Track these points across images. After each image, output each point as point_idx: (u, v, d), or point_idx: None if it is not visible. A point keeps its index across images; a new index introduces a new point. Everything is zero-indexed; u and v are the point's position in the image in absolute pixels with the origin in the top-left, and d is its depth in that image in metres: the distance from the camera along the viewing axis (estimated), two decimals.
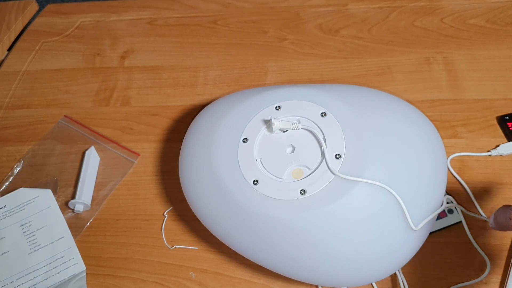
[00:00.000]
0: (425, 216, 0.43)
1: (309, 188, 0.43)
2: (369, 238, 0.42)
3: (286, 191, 0.44)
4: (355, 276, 0.45)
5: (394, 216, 0.42)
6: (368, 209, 0.42)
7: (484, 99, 0.65)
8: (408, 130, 0.47)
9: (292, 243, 0.43)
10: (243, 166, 0.46)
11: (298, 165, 0.45)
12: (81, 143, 0.67)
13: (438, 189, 0.47)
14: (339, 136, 0.45)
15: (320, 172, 0.43)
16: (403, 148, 0.45)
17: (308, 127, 0.46)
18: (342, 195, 0.42)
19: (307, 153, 0.45)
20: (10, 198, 0.61)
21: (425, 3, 0.77)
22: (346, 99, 0.48)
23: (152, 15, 0.82)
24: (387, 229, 0.43)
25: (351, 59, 0.72)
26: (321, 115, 0.46)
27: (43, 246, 0.57)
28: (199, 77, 0.73)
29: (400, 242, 0.44)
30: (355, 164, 0.43)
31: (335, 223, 0.42)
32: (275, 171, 0.45)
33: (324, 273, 0.44)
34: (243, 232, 0.46)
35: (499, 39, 0.71)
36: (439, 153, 0.48)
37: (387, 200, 0.42)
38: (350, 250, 0.43)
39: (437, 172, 0.47)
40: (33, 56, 0.79)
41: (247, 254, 0.47)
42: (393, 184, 0.42)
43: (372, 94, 0.51)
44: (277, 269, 0.47)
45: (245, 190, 0.45)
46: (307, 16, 0.79)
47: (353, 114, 0.46)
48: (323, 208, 0.42)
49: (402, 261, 0.46)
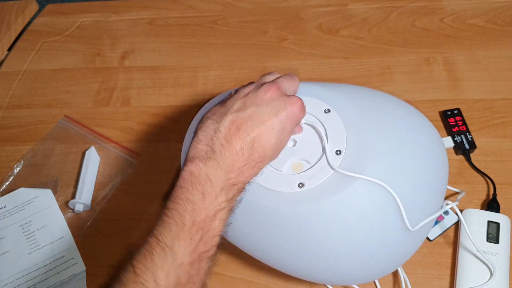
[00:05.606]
0: (423, 218, 0.43)
1: (307, 182, 0.43)
2: (365, 236, 0.42)
3: (285, 183, 0.44)
4: (352, 273, 0.45)
5: (391, 215, 0.42)
6: (366, 206, 0.42)
7: (484, 99, 0.65)
8: (410, 132, 0.47)
9: (289, 235, 0.43)
10: None
11: (298, 159, 0.45)
12: (81, 143, 0.67)
13: (438, 192, 0.46)
14: (341, 133, 0.45)
15: (320, 167, 0.44)
16: (404, 149, 0.45)
17: (310, 122, 0.46)
18: (340, 190, 0.42)
19: (308, 148, 0.45)
20: (10, 198, 0.61)
21: (425, 3, 0.77)
22: (350, 97, 0.48)
23: (152, 15, 0.82)
24: (383, 228, 0.43)
25: (351, 59, 0.72)
26: (325, 111, 0.47)
27: (43, 246, 0.57)
28: (199, 77, 0.73)
29: (397, 242, 0.44)
30: (355, 161, 0.43)
31: (332, 217, 0.42)
32: (275, 164, 0.45)
33: (319, 268, 0.44)
34: (241, 223, 0.46)
35: (499, 39, 0.71)
36: (440, 156, 0.48)
37: (385, 199, 0.42)
38: (346, 246, 0.43)
39: (437, 174, 0.47)
40: (33, 56, 0.79)
41: (244, 245, 0.47)
42: (392, 183, 0.42)
43: (374, 94, 0.51)
44: (274, 261, 0.47)
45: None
46: (307, 16, 0.79)
47: (356, 112, 0.46)
48: (321, 202, 0.42)
49: (399, 260, 0.46)
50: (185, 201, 0.36)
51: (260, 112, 0.39)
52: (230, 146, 0.38)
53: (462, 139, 0.60)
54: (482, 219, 0.53)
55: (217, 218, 0.37)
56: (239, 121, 0.39)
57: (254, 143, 0.38)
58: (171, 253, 0.35)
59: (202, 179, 0.37)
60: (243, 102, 0.40)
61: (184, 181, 0.37)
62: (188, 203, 0.36)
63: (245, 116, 0.39)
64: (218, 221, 0.37)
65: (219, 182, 0.37)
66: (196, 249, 0.36)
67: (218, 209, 0.37)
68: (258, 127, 0.39)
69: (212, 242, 0.37)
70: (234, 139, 0.38)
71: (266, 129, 0.39)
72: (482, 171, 0.58)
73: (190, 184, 0.37)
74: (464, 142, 0.60)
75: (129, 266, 0.35)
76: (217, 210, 0.37)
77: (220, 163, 0.37)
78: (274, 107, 0.40)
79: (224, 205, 0.37)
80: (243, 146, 0.38)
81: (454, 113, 0.63)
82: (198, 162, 0.37)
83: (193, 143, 0.39)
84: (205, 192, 0.36)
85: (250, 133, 0.38)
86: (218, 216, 0.37)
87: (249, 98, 0.41)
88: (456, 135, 0.61)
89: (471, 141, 0.60)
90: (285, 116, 0.40)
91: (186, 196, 0.36)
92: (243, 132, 0.38)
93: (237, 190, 0.38)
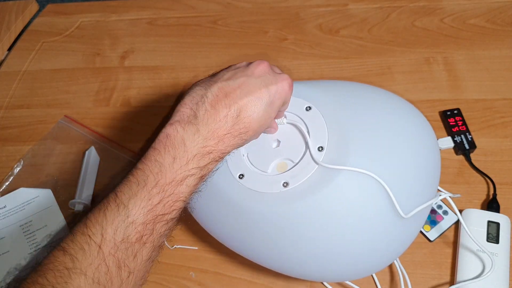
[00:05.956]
0: (417, 206, 0.43)
1: (291, 180, 0.43)
2: (357, 228, 0.42)
3: (270, 184, 0.44)
4: (348, 269, 0.45)
5: (381, 204, 0.42)
6: (354, 198, 0.42)
7: (484, 99, 0.65)
8: (395, 121, 0.46)
9: (278, 236, 0.43)
10: (230, 161, 0.47)
11: (282, 159, 0.45)
12: (81, 143, 0.67)
13: (429, 179, 0.46)
14: (322, 129, 0.45)
15: (303, 164, 0.44)
16: (389, 138, 0.45)
17: (292, 121, 0.46)
18: (325, 185, 0.42)
19: (292, 146, 0.46)
20: (10, 198, 0.61)
21: (425, 3, 0.77)
22: (331, 93, 0.48)
23: (152, 15, 0.82)
24: (375, 217, 0.42)
25: (351, 59, 0.72)
26: (306, 109, 0.47)
27: (43, 246, 0.57)
28: (199, 77, 0.73)
29: (391, 231, 0.43)
30: (337, 155, 0.43)
31: (320, 213, 0.42)
32: (260, 165, 0.46)
33: (314, 266, 0.44)
34: (231, 226, 0.46)
35: (499, 39, 0.71)
36: (428, 141, 0.47)
37: (373, 188, 0.41)
38: (338, 240, 0.42)
39: (427, 161, 0.46)
40: (33, 56, 0.79)
41: (235, 248, 0.48)
42: (377, 172, 0.41)
43: (357, 87, 0.51)
44: (265, 263, 0.47)
45: (232, 185, 0.45)
46: (307, 16, 0.79)
47: (337, 107, 0.46)
48: (307, 199, 0.42)
49: (395, 252, 0.45)
50: (153, 162, 0.36)
51: (250, 82, 0.39)
52: (215, 112, 0.38)
53: (462, 139, 0.60)
54: (482, 219, 0.53)
55: (184, 184, 0.37)
56: (228, 89, 0.38)
57: (240, 112, 0.38)
58: (124, 210, 0.35)
59: (177, 142, 0.37)
60: (234, 72, 0.41)
61: (159, 143, 0.37)
62: (155, 165, 0.36)
63: (235, 84, 0.39)
64: (184, 186, 0.37)
65: (194, 148, 0.37)
66: (153, 210, 0.36)
67: (187, 175, 0.37)
68: (246, 97, 0.38)
69: (173, 207, 0.37)
70: (220, 105, 0.38)
71: (255, 100, 0.39)
72: (482, 171, 0.58)
73: (163, 147, 0.37)
74: (464, 142, 0.60)
75: (83, 218, 0.36)
76: (186, 176, 0.37)
77: (199, 128, 0.37)
78: (265, 80, 0.40)
79: (194, 171, 0.37)
80: (228, 113, 0.38)
81: (454, 113, 0.63)
82: (177, 125, 0.37)
83: (177, 106, 0.39)
84: (177, 156, 0.36)
85: (238, 101, 0.38)
86: (185, 182, 0.37)
87: (240, 70, 0.41)
88: (456, 135, 0.61)
89: (471, 141, 0.60)
90: (274, 90, 0.40)
91: (156, 158, 0.36)
92: (231, 99, 0.38)
93: (213, 158, 0.38)
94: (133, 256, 0.35)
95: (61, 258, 0.34)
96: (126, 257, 0.35)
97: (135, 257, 0.35)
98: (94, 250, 0.34)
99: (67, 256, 0.34)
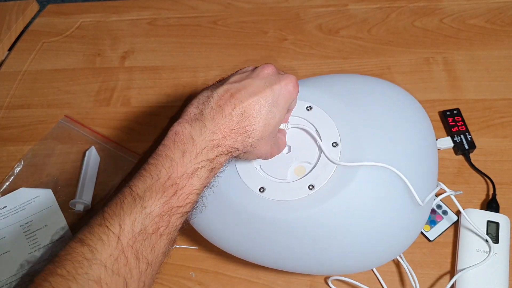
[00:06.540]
0: (425, 194, 0.43)
1: (316, 182, 0.43)
2: (381, 219, 0.43)
3: (294, 190, 0.43)
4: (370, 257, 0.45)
5: (400, 194, 0.42)
6: (376, 191, 0.43)
7: (483, 99, 0.65)
8: (397, 111, 0.47)
9: (311, 239, 0.43)
10: (244, 176, 0.46)
11: (298, 163, 0.45)
12: (81, 143, 0.67)
13: (433, 168, 0.47)
14: (330, 125, 0.45)
15: (322, 164, 0.43)
16: (395, 129, 0.45)
17: (297, 125, 0.46)
18: (349, 182, 0.42)
19: (304, 149, 0.45)
20: (10, 198, 0.61)
21: (425, 4, 0.77)
22: (328, 88, 0.48)
23: (152, 15, 0.82)
24: (396, 207, 0.43)
25: (351, 59, 0.72)
26: (307, 109, 0.46)
27: (43, 246, 0.58)
28: (199, 77, 0.73)
29: (410, 219, 0.44)
30: (353, 150, 0.43)
31: (346, 210, 0.42)
32: (278, 174, 0.45)
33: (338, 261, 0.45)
34: (252, 241, 0.45)
35: (498, 39, 0.71)
36: (428, 131, 0.48)
37: (391, 180, 0.42)
38: (365, 234, 0.43)
39: (429, 150, 0.47)
40: (34, 56, 0.79)
41: (266, 262, 0.47)
42: (393, 164, 0.42)
43: (351, 79, 0.51)
44: (297, 269, 0.46)
45: (254, 200, 0.44)
46: (307, 16, 0.79)
47: (338, 102, 0.46)
48: (333, 198, 0.42)
49: (412, 236, 0.46)
50: (164, 157, 0.37)
51: (255, 83, 0.40)
52: (220, 110, 0.39)
53: (462, 139, 0.60)
54: (481, 219, 0.53)
55: (195, 176, 0.37)
56: (233, 90, 0.40)
57: (245, 110, 0.39)
58: (141, 201, 0.35)
59: (185, 138, 0.38)
60: (240, 76, 0.42)
61: (168, 139, 0.38)
62: (167, 160, 0.37)
63: (240, 86, 0.40)
64: (196, 179, 0.37)
65: (202, 141, 0.38)
66: (168, 202, 0.36)
67: (197, 167, 0.37)
68: (251, 97, 0.39)
69: (187, 199, 0.37)
70: (226, 104, 0.39)
71: (259, 99, 0.40)
72: (482, 171, 0.58)
73: (172, 143, 0.38)
74: (464, 142, 0.60)
75: (99, 211, 0.36)
76: (196, 168, 0.37)
77: (206, 124, 0.38)
78: (269, 80, 0.41)
79: (204, 164, 0.38)
80: (233, 111, 0.39)
81: (453, 113, 0.63)
82: (184, 123, 0.39)
83: (185, 108, 0.40)
84: (186, 151, 0.37)
85: (243, 100, 0.39)
86: (196, 174, 0.37)
87: (246, 73, 0.42)
88: (456, 135, 0.61)
89: (470, 141, 0.60)
90: (278, 89, 0.41)
91: (166, 153, 0.38)
92: (236, 99, 0.39)
93: (221, 151, 0.39)
94: (150, 248, 0.35)
95: (79, 249, 0.34)
96: (144, 248, 0.35)
97: (152, 248, 0.36)
98: (113, 241, 0.34)
99: (85, 247, 0.34)
